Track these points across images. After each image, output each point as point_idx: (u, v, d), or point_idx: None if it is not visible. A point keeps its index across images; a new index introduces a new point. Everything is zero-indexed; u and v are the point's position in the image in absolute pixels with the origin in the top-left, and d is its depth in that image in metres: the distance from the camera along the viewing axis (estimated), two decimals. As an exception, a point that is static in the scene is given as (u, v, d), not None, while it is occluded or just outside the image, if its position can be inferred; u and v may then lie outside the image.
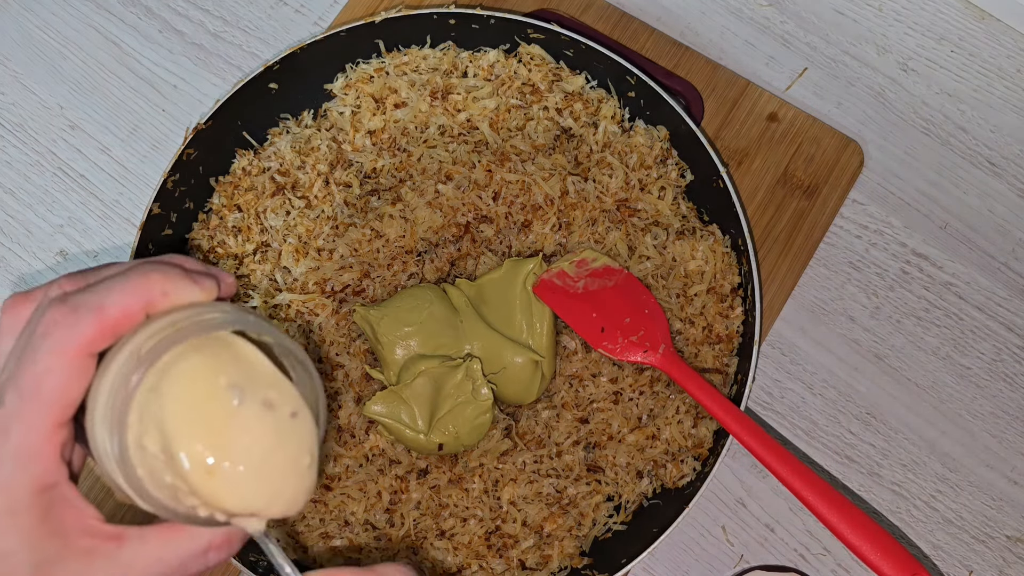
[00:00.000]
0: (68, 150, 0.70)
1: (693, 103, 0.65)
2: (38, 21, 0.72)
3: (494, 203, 0.61)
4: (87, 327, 0.35)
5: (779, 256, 0.64)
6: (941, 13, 0.69)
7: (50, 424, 0.36)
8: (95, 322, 0.35)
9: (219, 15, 0.72)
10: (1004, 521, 0.61)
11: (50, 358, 0.35)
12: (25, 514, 0.36)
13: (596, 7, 0.69)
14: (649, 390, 0.59)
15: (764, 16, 0.70)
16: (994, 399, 0.63)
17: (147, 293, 0.36)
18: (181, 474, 0.34)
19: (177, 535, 0.38)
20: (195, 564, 0.38)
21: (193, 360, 0.35)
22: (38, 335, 0.36)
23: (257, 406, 0.35)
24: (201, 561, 0.39)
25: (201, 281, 0.38)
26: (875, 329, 0.64)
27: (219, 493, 0.35)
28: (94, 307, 0.36)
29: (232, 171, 0.64)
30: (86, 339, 0.35)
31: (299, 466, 0.36)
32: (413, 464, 0.58)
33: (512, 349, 0.56)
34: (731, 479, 0.62)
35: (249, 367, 0.36)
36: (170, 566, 0.38)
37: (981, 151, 0.67)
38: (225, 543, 0.39)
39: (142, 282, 0.36)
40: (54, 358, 0.35)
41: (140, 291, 0.36)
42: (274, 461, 0.36)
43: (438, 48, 0.65)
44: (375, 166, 0.63)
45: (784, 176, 0.65)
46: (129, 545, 0.37)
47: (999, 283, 0.64)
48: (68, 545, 0.37)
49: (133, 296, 0.36)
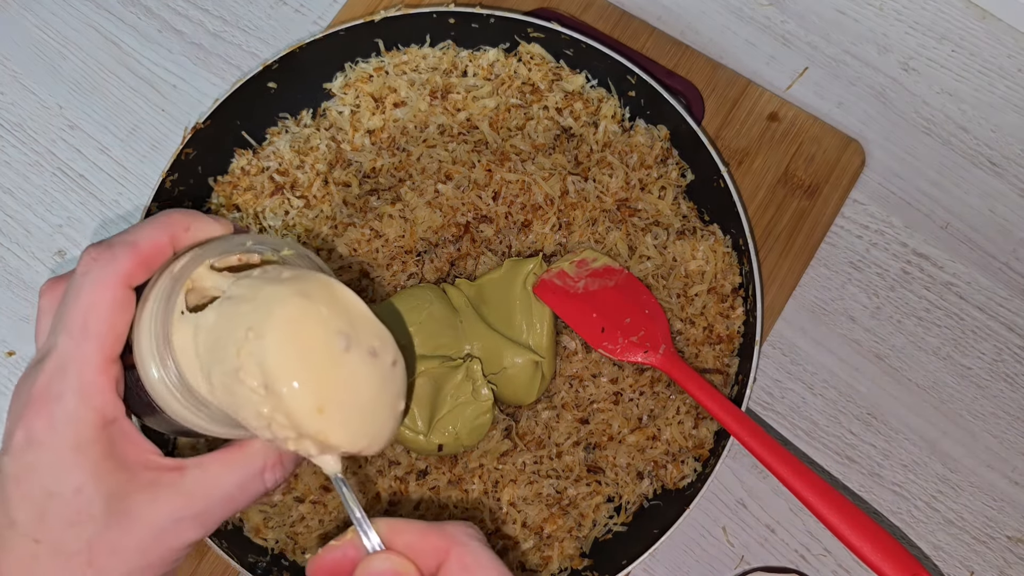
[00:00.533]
0: (67, 150, 0.70)
1: (694, 102, 0.65)
2: (37, 21, 0.72)
3: (494, 203, 0.61)
4: (124, 260, 0.38)
5: (780, 256, 0.64)
6: (942, 12, 0.69)
7: (103, 358, 0.38)
8: (131, 254, 0.38)
9: (218, 15, 0.72)
10: (1005, 522, 0.61)
11: (93, 292, 0.38)
12: (92, 448, 0.37)
13: (596, 6, 0.69)
14: (649, 391, 0.59)
15: (765, 15, 0.70)
16: (995, 399, 0.62)
17: (172, 228, 0.40)
18: (287, 411, 0.36)
19: (234, 459, 0.40)
20: (253, 486, 0.40)
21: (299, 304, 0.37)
22: (79, 275, 0.38)
23: (363, 353, 0.38)
24: (259, 483, 0.41)
25: (220, 220, 0.42)
26: (876, 329, 0.64)
27: (326, 431, 0.37)
28: (128, 242, 0.39)
29: (231, 171, 0.64)
30: (125, 271, 0.38)
31: (395, 410, 0.40)
32: (412, 465, 0.58)
33: (512, 349, 0.56)
34: (732, 480, 0.62)
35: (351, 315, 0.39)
36: (230, 489, 0.40)
37: (982, 151, 0.67)
38: (279, 464, 0.41)
39: (166, 220, 0.40)
40: (97, 291, 0.38)
41: (166, 227, 0.39)
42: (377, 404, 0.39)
43: (438, 47, 0.65)
44: (374, 166, 0.63)
45: (785, 176, 0.65)
46: (190, 474, 0.39)
47: (1000, 283, 0.64)
48: (133, 478, 0.38)
49: (160, 231, 0.39)
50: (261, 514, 0.58)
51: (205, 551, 0.60)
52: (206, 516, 0.39)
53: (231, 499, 0.40)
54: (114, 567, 0.37)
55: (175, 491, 0.38)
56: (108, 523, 0.37)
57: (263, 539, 0.58)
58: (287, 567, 0.58)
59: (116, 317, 0.38)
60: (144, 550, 0.38)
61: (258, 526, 0.58)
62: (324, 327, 0.37)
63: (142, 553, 0.38)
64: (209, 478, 0.39)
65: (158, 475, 0.38)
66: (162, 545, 0.38)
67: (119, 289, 0.38)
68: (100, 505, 0.37)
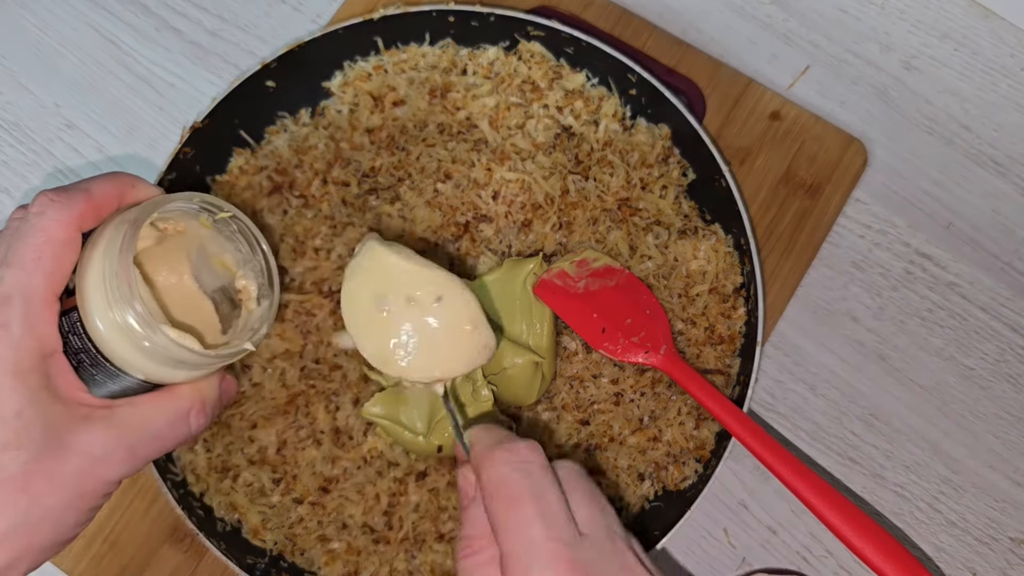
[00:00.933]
0: (65, 149, 0.70)
1: (695, 101, 0.64)
2: (35, 19, 0.72)
3: (494, 202, 0.60)
4: (79, 204, 0.41)
5: (782, 256, 0.64)
6: (944, 11, 0.69)
7: (50, 292, 0.40)
8: (85, 200, 0.42)
9: (216, 13, 0.72)
10: (1008, 523, 0.60)
11: (48, 230, 0.40)
12: (31, 377, 0.39)
13: (597, 5, 0.68)
14: (650, 391, 0.58)
15: (766, 14, 0.70)
16: (998, 400, 0.62)
17: (121, 184, 0.44)
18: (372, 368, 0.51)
19: (163, 400, 0.44)
20: (180, 426, 0.45)
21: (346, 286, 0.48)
22: (34, 214, 0.41)
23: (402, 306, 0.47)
24: (184, 424, 0.45)
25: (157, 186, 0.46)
26: (878, 330, 0.63)
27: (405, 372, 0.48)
28: (83, 189, 0.42)
29: (229, 170, 0.63)
30: (79, 213, 0.41)
31: (462, 333, 0.48)
32: (412, 466, 0.58)
33: (512, 350, 0.56)
34: (733, 481, 0.61)
35: (386, 273, 0.47)
36: (159, 426, 0.43)
37: (985, 150, 0.66)
38: (203, 409, 0.46)
39: (115, 176, 0.44)
40: (52, 229, 0.40)
41: (116, 182, 0.44)
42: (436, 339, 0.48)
43: (437, 46, 0.65)
44: (373, 165, 0.62)
45: (787, 175, 0.65)
46: (121, 410, 0.42)
47: (1003, 283, 0.64)
48: (68, 410, 0.40)
49: (110, 184, 0.44)
50: (260, 515, 0.58)
51: (203, 553, 0.60)
52: (136, 450, 0.42)
53: (160, 437, 0.43)
54: (49, 494, 0.39)
55: (108, 424, 0.41)
56: (45, 450, 0.39)
57: (261, 540, 0.58)
58: (285, 568, 0.57)
59: (65, 256, 0.41)
60: (79, 480, 0.40)
61: (256, 527, 0.57)
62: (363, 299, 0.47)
63: (77, 482, 0.40)
64: (139, 414, 0.42)
65: (91, 410, 0.41)
66: (96, 476, 0.40)
67: (71, 231, 0.41)
68: (38, 431, 0.38)
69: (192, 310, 0.48)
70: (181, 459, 0.58)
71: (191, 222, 0.47)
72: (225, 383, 0.49)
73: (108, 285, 0.40)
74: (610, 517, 0.43)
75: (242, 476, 0.58)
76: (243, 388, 0.59)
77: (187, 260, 0.48)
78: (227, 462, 0.58)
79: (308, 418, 0.58)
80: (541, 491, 0.41)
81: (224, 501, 0.58)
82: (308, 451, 0.58)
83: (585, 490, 0.43)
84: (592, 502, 0.42)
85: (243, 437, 0.58)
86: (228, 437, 0.58)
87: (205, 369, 0.46)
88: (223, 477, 0.58)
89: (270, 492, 0.58)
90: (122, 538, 0.61)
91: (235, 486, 0.58)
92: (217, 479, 0.58)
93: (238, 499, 0.58)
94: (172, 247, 0.47)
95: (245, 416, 0.58)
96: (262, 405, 0.58)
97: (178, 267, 0.48)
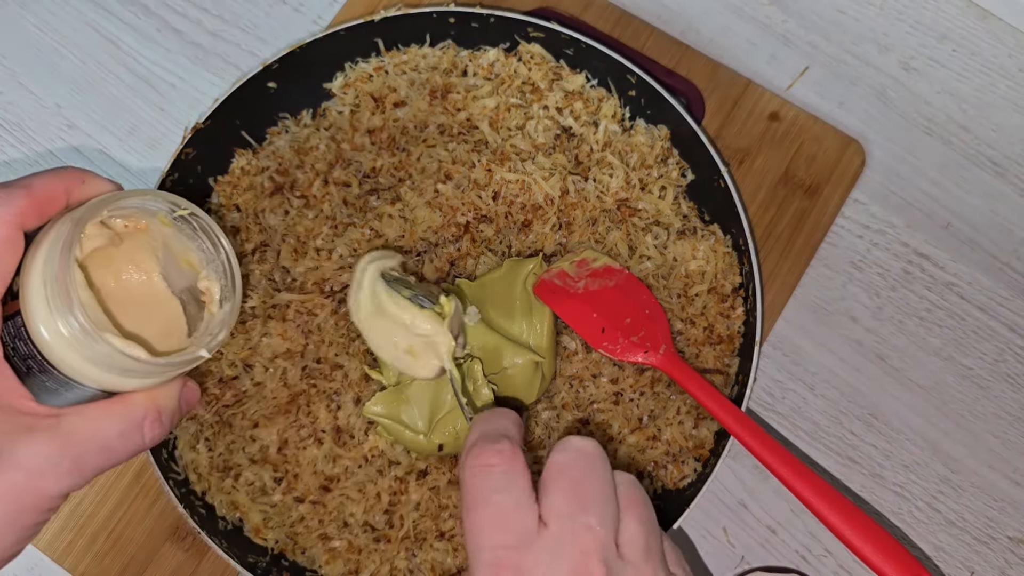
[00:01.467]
0: (66, 149, 0.70)
1: (694, 102, 0.65)
2: (35, 20, 0.72)
3: (494, 203, 0.61)
4: (19, 201, 0.39)
5: (780, 256, 0.64)
6: (943, 12, 0.69)
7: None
8: (26, 197, 0.39)
9: (217, 14, 0.72)
10: (1006, 522, 0.61)
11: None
12: None
13: (596, 6, 0.69)
14: (650, 391, 0.58)
15: (765, 15, 0.70)
16: (996, 400, 0.62)
17: (68, 179, 0.41)
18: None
19: (115, 409, 0.40)
20: (133, 437, 0.41)
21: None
22: None
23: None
24: (138, 435, 0.41)
25: (112, 182, 0.43)
26: (877, 330, 0.64)
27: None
28: (23, 185, 0.39)
29: (231, 170, 0.63)
30: (18, 211, 0.39)
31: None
32: (412, 465, 0.58)
33: (512, 350, 0.56)
34: (732, 480, 0.62)
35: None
36: (109, 436, 0.40)
37: (983, 151, 0.67)
38: (158, 418, 0.42)
39: (63, 171, 0.41)
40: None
41: (62, 177, 0.41)
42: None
43: (437, 47, 0.65)
44: (374, 165, 0.63)
45: (785, 175, 0.65)
46: (68, 419, 0.39)
47: (1001, 283, 0.64)
48: (9, 420, 0.37)
49: (57, 180, 0.40)
50: (261, 514, 0.58)
51: (205, 551, 0.60)
52: (83, 462, 0.39)
53: (109, 448, 0.40)
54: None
55: (52, 434, 0.38)
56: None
57: (263, 539, 0.58)
58: (287, 567, 0.57)
59: (5, 257, 0.38)
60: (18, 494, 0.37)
61: (258, 526, 0.58)
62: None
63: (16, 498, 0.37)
64: (88, 424, 0.39)
65: (35, 419, 0.38)
66: (37, 491, 0.37)
67: (11, 229, 0.38)
68: None
69: (159, 310, 0.45)
70: (183, 458, 0.58)
71: (151, 219, 0.45)
72: (186, 391, 0.46)
73: (48, 291, 0.38)
74: (653, 537, 0.41)
75: (243, 475, 0.58)
76: (244, 387, 0.59)
77: (155, 258, 0.45)
78: (229, 461, 0.58)
79: (309, 417, 0.58)
80: (494, 495, 0.39)
81: (226, 500, 0.58)
82: (309, 450, 0.58)
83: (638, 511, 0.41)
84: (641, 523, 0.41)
85: (244, 436, 0.58)
86: (230, 436, 0.58)
87: (159, 377, 0.43)
88: (225, 476, 0.58)
89: (271, 491, 0.58)
90: (124, 536, 0.61)
91: (237, 485, 0.58)
92: (219, 478, 0.58)
93: (240, 498, 0.58)
94: (137, 244, 0.45)
95: (247, 415, 0.58)
96: (263, 404, 0.58)
97: (145, 265, 0.45)
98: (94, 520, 0.61)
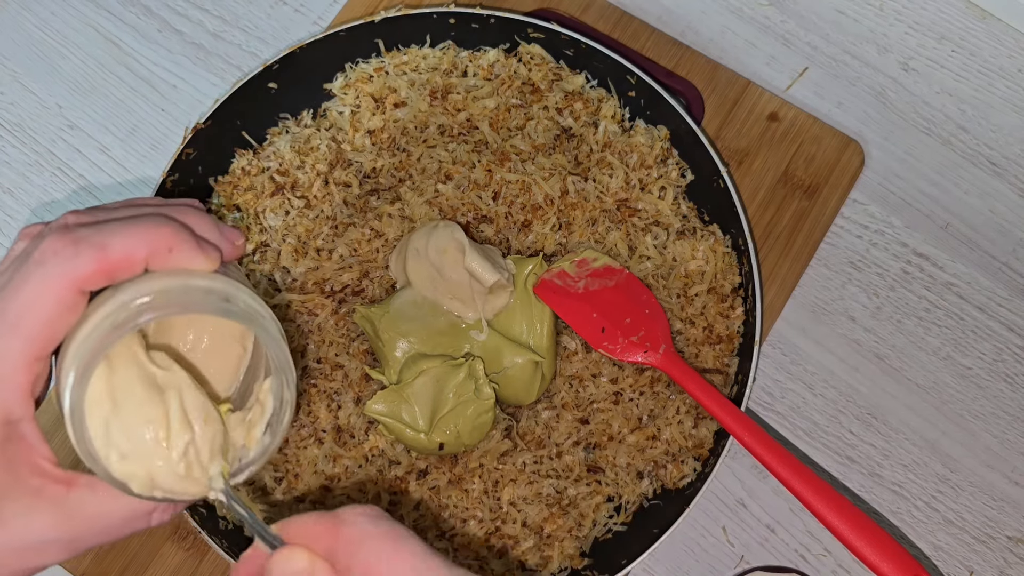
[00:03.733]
0: (67, 150, 0.70)
1: (693, 103, 0.65)
2: (37, 20, 0.72)
3: (494, 203, 0.61)
4: (86, 262, 0.34)
5: (780, 256, 0.64)
6: (942, 12, 0.69)
7: (28, 357, 0.35)
8: (95, 259, 0.34)
9: (218, 14, 0.72)
10: (1005, 522, 0.61)
11: (41, 287, 0.34)
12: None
13: (596, 6, 0.69)
14: (649, 390, 0.59)
15: (764, 15, 0.70)
16: (995, 399, 0.62)
17: (153, 244, 0.35)
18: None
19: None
20: (138, 523, 0.38)
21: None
22: (33, 261, 0.35)
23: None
24: (144, 521, 0.38)
25: (207, 250, 0.37)
26: (876, 329, 0.64)
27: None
28: (97, 244, 0.34)
29: (231, 171, 0.64)
30: (82, 274, 0.34)
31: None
32: (413, 465, 0.58)
33: (512, 349, 0.56)
34: (732, 480, 0.62)
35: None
36: (114, 521, 0.37)
37: (982, 151, 0.67)
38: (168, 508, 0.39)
39: (152, 232, 0.35)
40: (45, 287, 0.34)
41: (147, 240, 0.35)
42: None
43: (438, 47, 0.65)
44: (375, 166, 0.63)
45: (785, 176, 0.65)
46: (77, 492, 0.36)
47: (1000, 283, 0.64)
48: (17, 481, 0.36)
49: (139, 242, 0.35)
50: (261, 514, 0.58)
51: (206, 551, 0.61)
52: (78, 543, 0.37)
53: (110, 531, 0.37)
54: None
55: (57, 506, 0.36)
56: None
57: (263, 539, 0.58)
58: (287, 567, 0.58)
59: (57, 319, 0.35)
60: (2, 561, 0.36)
61: (258, 526, 0.58)
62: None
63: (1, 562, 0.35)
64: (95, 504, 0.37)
65: (44, 484, 0.36)
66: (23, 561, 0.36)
67: (69, 293, 0.34)
68: None
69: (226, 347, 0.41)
70: (183, 458, 0.59)
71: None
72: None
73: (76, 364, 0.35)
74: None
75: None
76: (245, 387, 0.59)
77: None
78: (229, 461, 0.58)
79: (310, 417, 0.58)
80: None
81: (226, 500, 0.58)
82: (310, 450, 0.58)
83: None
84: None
85: (245, 436, 0.58)
86: (230, 436, 0.59)
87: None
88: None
89: (272, 490, 0.58)
90: (125, 536, 0.61)
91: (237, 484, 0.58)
92: (219, 478, 0.58)
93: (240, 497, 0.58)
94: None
95: (247, 415, 0.59)
96: (264, 404, 0.58)
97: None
98: (95, 519, 0.61)
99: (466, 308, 0.57)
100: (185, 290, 0.36)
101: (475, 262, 0.55)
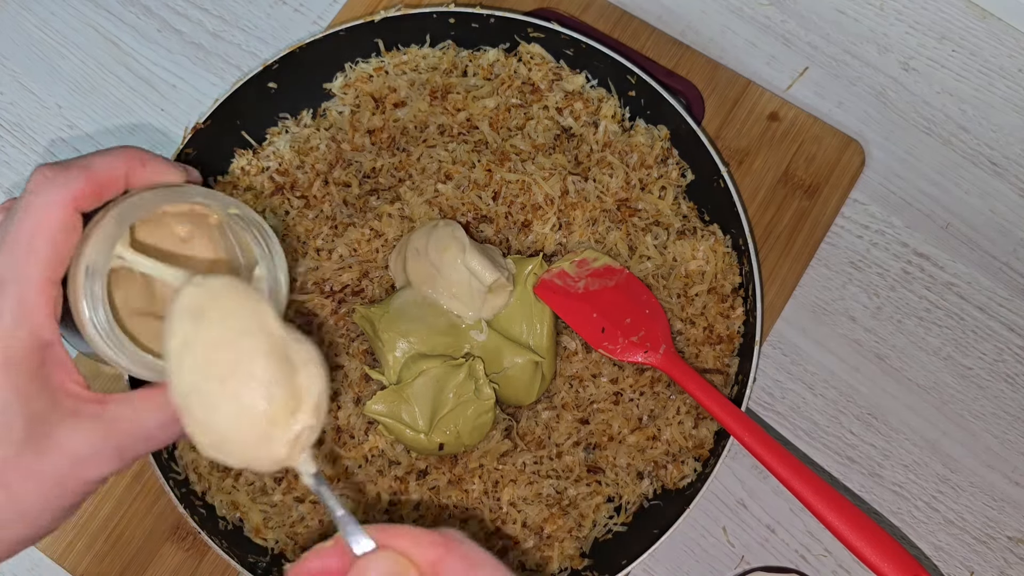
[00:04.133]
0: (67, 150, 0.70)
1: (694, 102, 0.65)
2: (36, 20, 0.72)
3: (494, 203, 0.61)
4: (77, 182, 0.38)
5: (780, 256, 0.64)
6: (942, 12, 0.69)
7: (45, 279, 0.37)
8: (85, 178, 0.38)
9: (218, 14, 0.72)
10: (1005, 522, 0.61)
11: (42, 211, 0.37)
12: (20, 368, 0.37)
13: (596, 6, 0.69)
14: (650, 391, 0.59)
15: (765, 15, 0.70)
16: (995, 400, 0.62)
17: (129, 160, 0.40)
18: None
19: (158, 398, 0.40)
20: (173, 427, 0.40)
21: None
22: (29, 192, 0.38)
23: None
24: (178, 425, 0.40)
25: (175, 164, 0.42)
26: (876, 329, 0.64)
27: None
28: (83, 166, 0.38)
29: (231, 171, 0.64)
30: (76, 193, 0.38)
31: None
32: (413, 465, 0.58)
33: (512, 349, 0.56)
34: (732, 480, 0.62)
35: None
36: (151, 427, 0.40)
37: (983, 151, 0.67)
38: None
39: (124, 151, 0.40)
40: (47, 211, 0.37)
41: (124, 158, 0.40)
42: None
43: (438, 47, 0.65)
44: (374, 165, 0.63)
45: (785, 176, 0.65)
46: (113, 407, 0.39)
47: (1000, 283, 0.64)
48: (57, 404, 0.38)
49: (117, 160, 0.39)
50: (261, 514, 0.58)
51: (205, 551, 0.60)
52: (124, 450, 0.39)
53: (150, 437, 0.40)
54: (28, 492, 0.37)
55: (97, 421, 0.38)
56: (27, 446, 0.37)
57: (263, 539, 0.58)
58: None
59: (62, 239, 0.38)
60: (61, 478, 0.37)
61: (258, 526, 0.58)
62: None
63: (58, 481, 0.37)
64: (132, 413, 0.39)
65: (81, 404, 0.38)
66: (79, 475, 0.38)
67: (68, 211, 0.38)
68: (21, 426, 0.37)
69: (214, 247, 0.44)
70: (183, 458, 0.59)
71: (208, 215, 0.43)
72: None
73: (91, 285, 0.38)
74: None
75: (244, 475, 0.58)
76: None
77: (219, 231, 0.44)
78: (229, 461, 0.58)
79: (309, 417, 0.58)
80: None
81: (226, 500, 0.58)
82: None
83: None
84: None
85: (245, 436, 0.58)
86: (230, 436, 0.58)
87: None
88: (225, 476, 0.58)
89: (271, 491, 0.58)
90: (124, 536, 0.61)
91: (237, 485, 0.58)
92: (219, 478, 0.58)
93: (240, 498, 0.58)
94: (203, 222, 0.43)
95: (247, 415, 0.58)
96: (264, 404, 0.58)
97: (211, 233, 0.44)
98: (94, 520, 0.61)
99: (466, 308, 0.57)
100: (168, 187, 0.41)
101: (475, 260, 0.55)
